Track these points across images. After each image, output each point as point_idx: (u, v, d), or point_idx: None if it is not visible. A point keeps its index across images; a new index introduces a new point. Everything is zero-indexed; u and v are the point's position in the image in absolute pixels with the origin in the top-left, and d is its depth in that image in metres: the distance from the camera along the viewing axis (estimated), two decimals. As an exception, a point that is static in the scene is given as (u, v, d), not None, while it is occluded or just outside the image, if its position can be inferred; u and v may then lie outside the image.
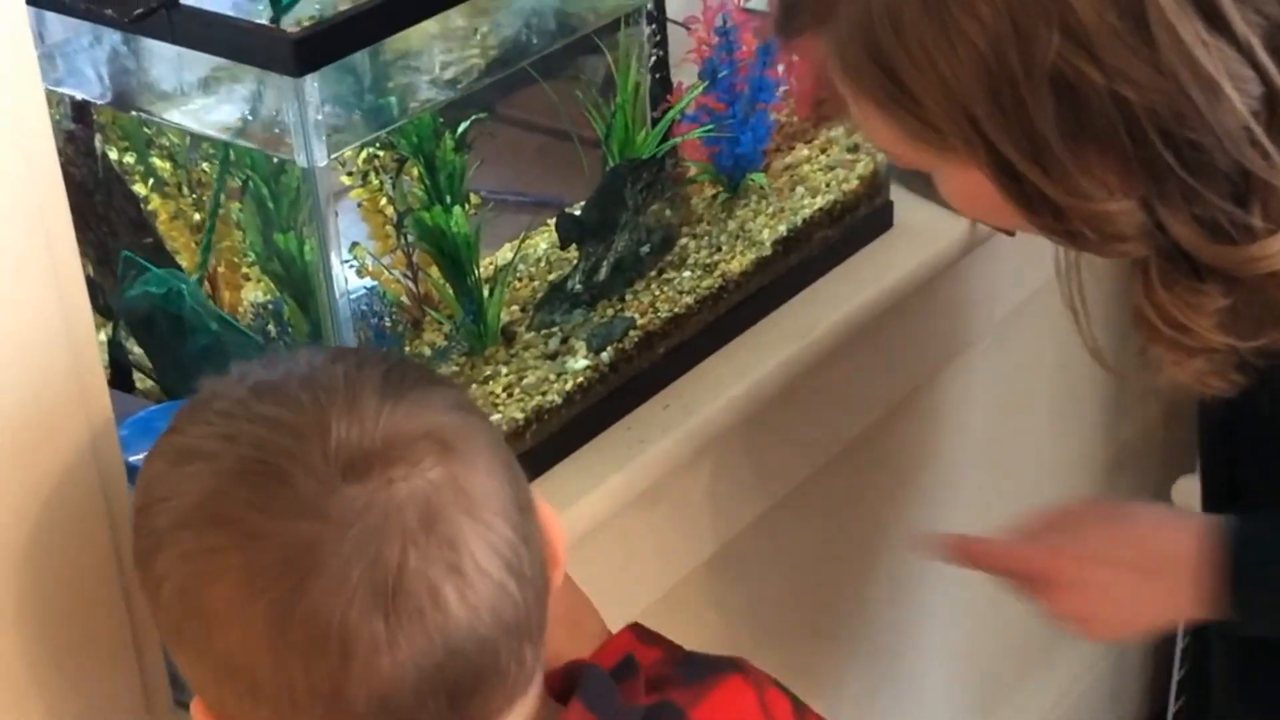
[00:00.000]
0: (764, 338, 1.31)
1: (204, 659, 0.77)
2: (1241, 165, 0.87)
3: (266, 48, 0.98)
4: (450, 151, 1.17)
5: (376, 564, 0.74)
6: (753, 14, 1.35)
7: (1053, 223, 0.90)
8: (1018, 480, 1.75)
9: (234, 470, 0.76)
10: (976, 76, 0.86)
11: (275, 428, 0.77)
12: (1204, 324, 0.92)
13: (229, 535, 0.75)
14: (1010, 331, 1.62)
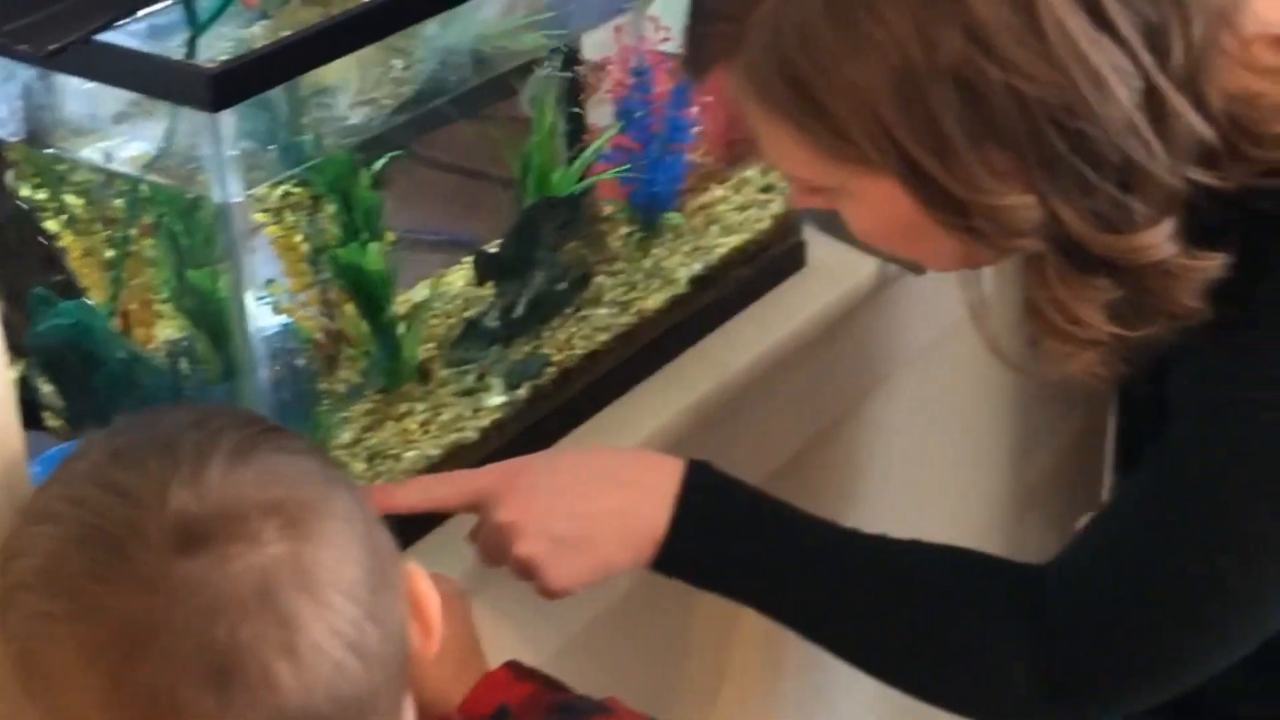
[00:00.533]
0: (680, 375, 1.32)
1: (50, 713, 0.78)
2: (1127, 155, 0.91)
3: (183, 83, 0.97)
4: (366, 188, 1.17)
5: (208, 641, 0.74)
6: (667, 55, 1.37)
7: (956, 220, 0.94)
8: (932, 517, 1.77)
9: (75, 536, 0.77)
10: (885, 81, 0.90)
11: (119, 495, 0.77)
12: (1096, 316, 0.95)
13: (64, 604, 0.76)
14: (921, 369, 1.64)
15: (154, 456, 0.77)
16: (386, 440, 1.18)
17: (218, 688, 0.74)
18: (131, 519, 0.75)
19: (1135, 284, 0.95)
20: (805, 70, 0.93)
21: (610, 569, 1.11)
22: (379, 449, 1.17)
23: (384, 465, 1.16)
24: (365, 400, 1.20)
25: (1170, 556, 1.04)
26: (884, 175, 0.94)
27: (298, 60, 1.02)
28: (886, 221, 0.99)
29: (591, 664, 1.32)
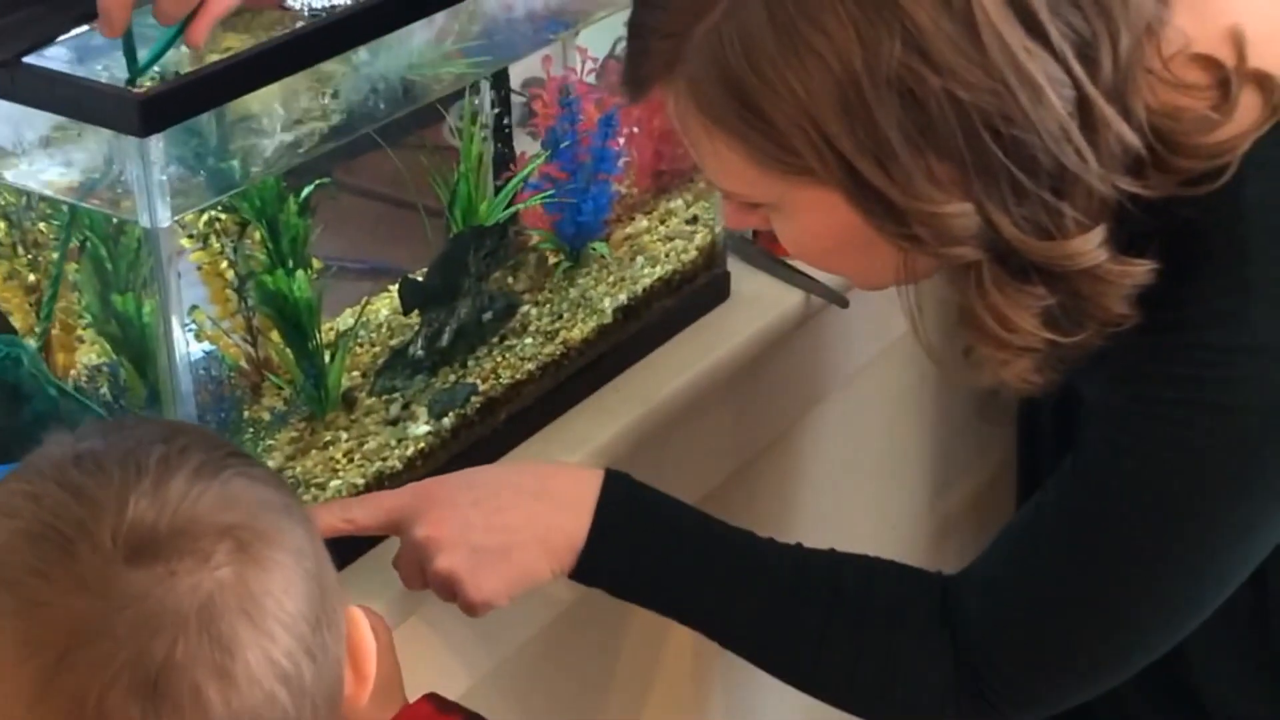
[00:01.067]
0: (605, 404, 1.32)
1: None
2: (1060, 163, 0.94)
3: (112, 107, 0.97)
4: (294, 215, 1.16)
5: (143, 653, 0.74)
6: (595, 86, 1.37)
7: (896, 229, 0.96)
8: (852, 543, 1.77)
9: (27, 532, 0.76)
10: (826, 90, 0.92)
11: (77, 497, 0.76)
12: (1031, 322, 0.97)
13: (9, 597, 0.75)
14: (845, 400, 1.66)
15: (118, 464, 0.77)
16: (311, 469, 1.17)
17: (145, 701, 0.73)
18: (85, 521, 0.75)
19: (1068, 290, 0.97)
20: (748, 80, 0.94)
21: (531, 579, 1.11)
22: (304, 477, 1.16)
23: (309, 494, 1.16)
24: (290, 428, 1.19)
25: (1082, 564, 1.06)
26: (825, 186, 0.96)
27: (227, 86, 1.01)
28: (825, 234, 1.01)
29: (521, 686, 1.32)
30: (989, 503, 1.95)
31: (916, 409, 1.84)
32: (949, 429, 1.89)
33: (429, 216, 1.31)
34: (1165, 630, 1.07)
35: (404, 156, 1.29)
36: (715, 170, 1.01)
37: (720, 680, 1.64)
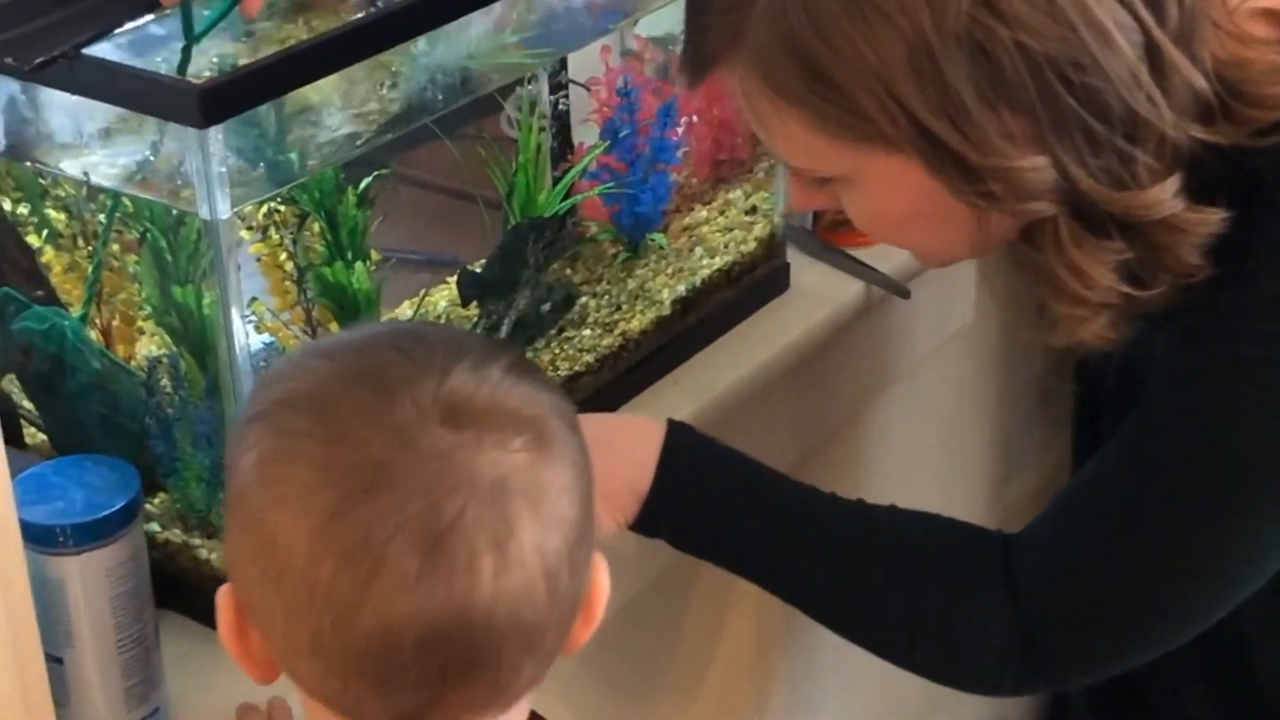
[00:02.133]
0: (663, 396, 1.32)
1: (252, 532, 0.79)
2: (1132, 109, 0.94)
3: (171, 99, 0.97)
4: (352, 207, 1.16)
5: (435, 508, 0.76)
6: (653, 77, 1.36)
7: (971, 187, 0.95)
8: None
9: (351, 375, 0.81)
10: (895, 51, 0.92)
11: (404, 356, 0.81)
12: (1109, 277, 0.97)
13: (322, 427, 0.79)
14: (905, 392, 1.64)
15: (443, 342, 0.82)
16: (370, 460, 1.17)
17: (425, 554, 0.76)
18: (410, 378, 0.79)
19: (1144, 242, 0.97)
20: (815, 49, 0.94)
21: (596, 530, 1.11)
22: (362, 469, 1.16)
23: (367, 485, 1.15)
24: (348, 420, 1.19)
25: (1141, 523, 1.05)
26: (898, 151, 0.95)
27: (286, 77, 1.01)
28: (898, 205, 1.00)
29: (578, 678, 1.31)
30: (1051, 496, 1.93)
31: (978, 401, 1.82)
32: (1011, 421, 1.88)
33: (487, 208, 1.30)
34: (1223, 594, 1.06)
35: (462, 147, 1.29)
36: (784, 147, 1.01)
37: (783, 675, 1.64)
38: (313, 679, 0.81)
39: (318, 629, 0.78)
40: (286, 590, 0.78)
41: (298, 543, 0.77)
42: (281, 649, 0.81)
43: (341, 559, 0.76)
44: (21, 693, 0.88)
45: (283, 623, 0.79)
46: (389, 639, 0.77)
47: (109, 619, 0.98)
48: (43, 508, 0.96)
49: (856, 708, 1.79)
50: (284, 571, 0.78)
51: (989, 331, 1.75)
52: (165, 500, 1.12)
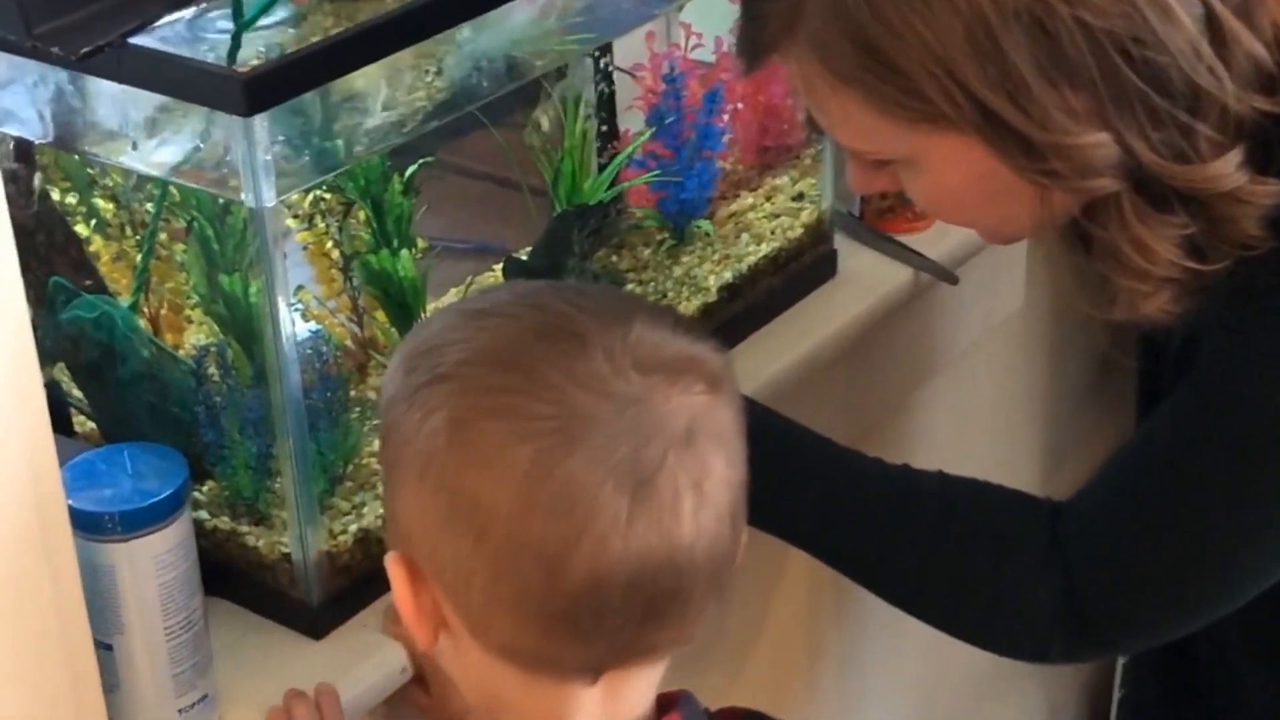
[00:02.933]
0: (710, 384, 1.31)
1: (446, 493, 0.80)
2: (1194, 82, 0.93)
3: (216, 87, 0.97)
4: (398, 195, 1.16)
5: (639, 453, 0.79)
6: (699, 63, 1.36)
7: (1033, 165, 0.95)
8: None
9: (535, 329, 0.82)
10: (954, 30, 0.92)
11: (583, 308, 0.83)
12: (1173, 252, 0.97)
13: (518, 379, 0.80)
14: (953, 379, 1.63)
15: (614, 297, 0.86)
16: (416, 448, 1.17)
17: (634, 498, 0.79)
18: (596, 329, 0.82)
19: (1207, 215, 0.96)
20: (872, 30, 0.93)
21: None
22: (409, 457, 1.16)
23: (414, 473, 1.16)
24: (395, 407, 1.19)
25: (1189, 489, 1.04)
26: (958, 131, 0.95)
27: (331, 65, 1.01)
28: (960, 184, 1.00)
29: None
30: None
31: (1027, 388, 1.81)
32: (1061, 408, 1.86)
33: (533, 195, 1.30)
34: (1273, 564, 1.05)
35: (509, 135, 1.29)
36: (844, 131, 1.01)
37: (834, 647, 1.63)
38: (508, 634, 0.82)
39: (525, 583, 0.79)
40: (490, 548, 0.79)
41: (502, 499, 0.79)
42: (475, 607, 0.82)
43: (550, 511, 0.78)
44: (71, 679, 0.89)
45: (483, 580, 0.80)
46: (600, 584, 0.79)
47: (157, 606, 0.98)
48: (92, 495, 0.96)
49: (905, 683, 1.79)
50: (487, 529, 0.79)
51: (1038, 317, 1.74)
52: (214, 488, 1.12)
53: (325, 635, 1.09)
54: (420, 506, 0.82)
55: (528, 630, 0.81)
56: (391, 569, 0.84)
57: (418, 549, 0.83)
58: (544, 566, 0.79)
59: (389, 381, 0.87)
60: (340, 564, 1.10)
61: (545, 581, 0.79)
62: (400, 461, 0.84)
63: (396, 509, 0.85)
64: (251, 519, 1.11)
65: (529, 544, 0.79)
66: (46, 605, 0.86)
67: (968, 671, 1.87)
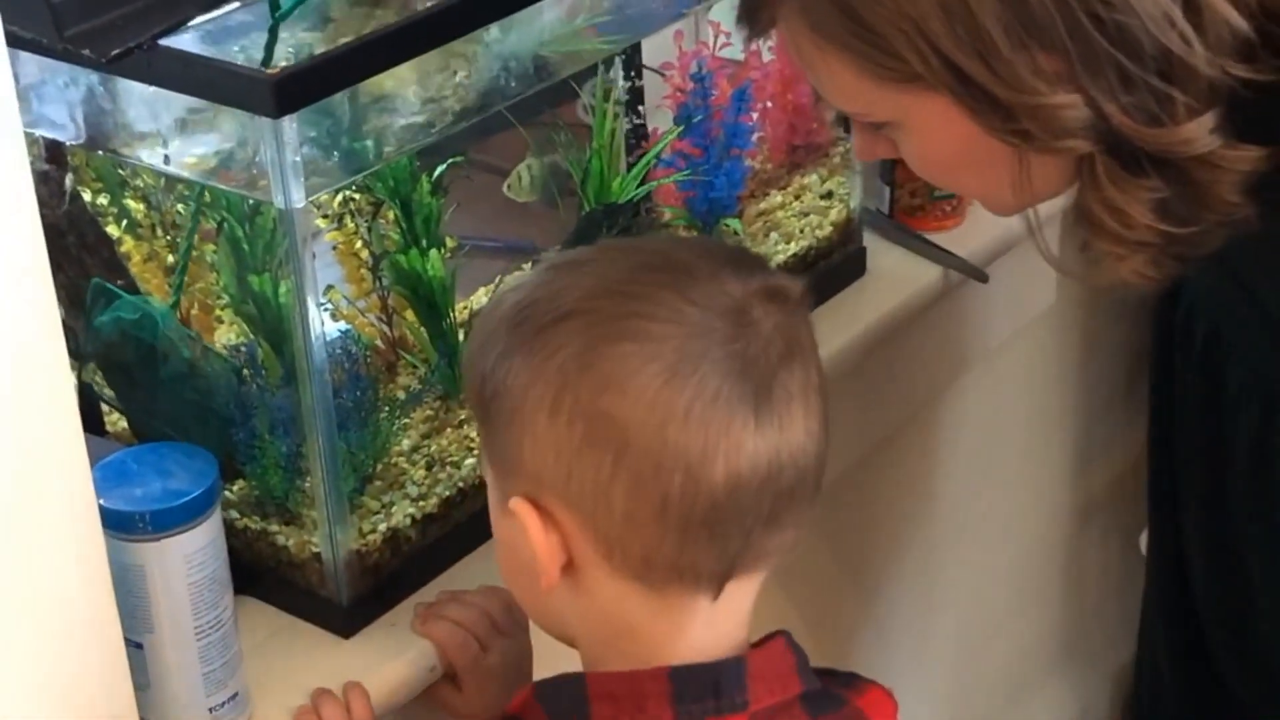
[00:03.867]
0: (739, 383, 1.31)
1: (581, 420, 0.86)
2: (1164, 46, 0.93)
3: (245, 88, 0.97)
4: (427, 195, 1.16)
5: (755, 364, 0.86)
6: (727, 61, 1.36)
7: (1004, 125, 0.96)
8: (992, 524, 1.75)
9: (641, 264, 0.90)
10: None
11: (675, 245, 0.94)
12: (1146, 216, 0.97)
13: (638, 304, 0.87)
14: (982, 378, 1.63)
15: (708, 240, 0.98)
16: (446, 447, 1.18)
17: (758, 404, 0.86)
18: (693, 262, 0.90)
19: (1182, 180, 0.96)
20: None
21: None
22: (438, 455, 1.17)
23: (443, 472, 1.16)
24: (425, 407, 1.20)
25: None
26: (932, 93, 0.96)
27: (360, 66, 1.01)
28: (944, 148, 1.01)
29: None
30: (1134, 483, 1.90)
31: (1058, 386, 1.80)
32: (1092, 407, 1.85)
33: (561, 194, 1.30)
34: None
35: (536, 134, 1.29)
36: (832, 91, 1.02)
37: (861, 653, 1.63)
38: (648, 547, 0.87)
39: (667, 491, 0.86)
40: (631, 462, 0.86)
41: (639, 415, 0.85)
42: (614, 526, 0.87)
43: (686, 420, 0.85)
44: (102, 677, 0.89)
45: (624, 496, 0.86)
46: (737, 485, 0.86)
47: (188, 605, 0.98)
48: (122, 494, 0.97)
49: (935, 684, 1.78)
50: (626, 445, 0.86)
51: (1069, 315, 1.73)
52: (243, 487, 1.13)
53: (354, 634, 1.09)
54: (554, 440, 0.87)
55: (666, 540, 0.87)
56: (520, 512, 0.89)
57: (549, 484, 0.88)
58: (685, 472, 0.85)
59: (486, 348, 0.91)
60: (369, 563, 1.10)
61: (685, 488, 0.86)
62: (522, 408, 0.89)
63: (521, 454, 0.89)
64: (281, 518, 1.12)
65: (669, 453, 0.85)
66: (78, 604, 0.86)
67: (998, 672, 1.86)
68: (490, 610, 1.09)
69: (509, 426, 0.90)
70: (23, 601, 0.83)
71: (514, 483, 0.90)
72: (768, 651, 0.94)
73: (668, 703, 0.89)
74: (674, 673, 0.90)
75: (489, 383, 0.91)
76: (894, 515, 1.60)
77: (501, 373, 0.90)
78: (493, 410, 0.91)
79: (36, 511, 0.83)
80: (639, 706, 0.90)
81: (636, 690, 0.90)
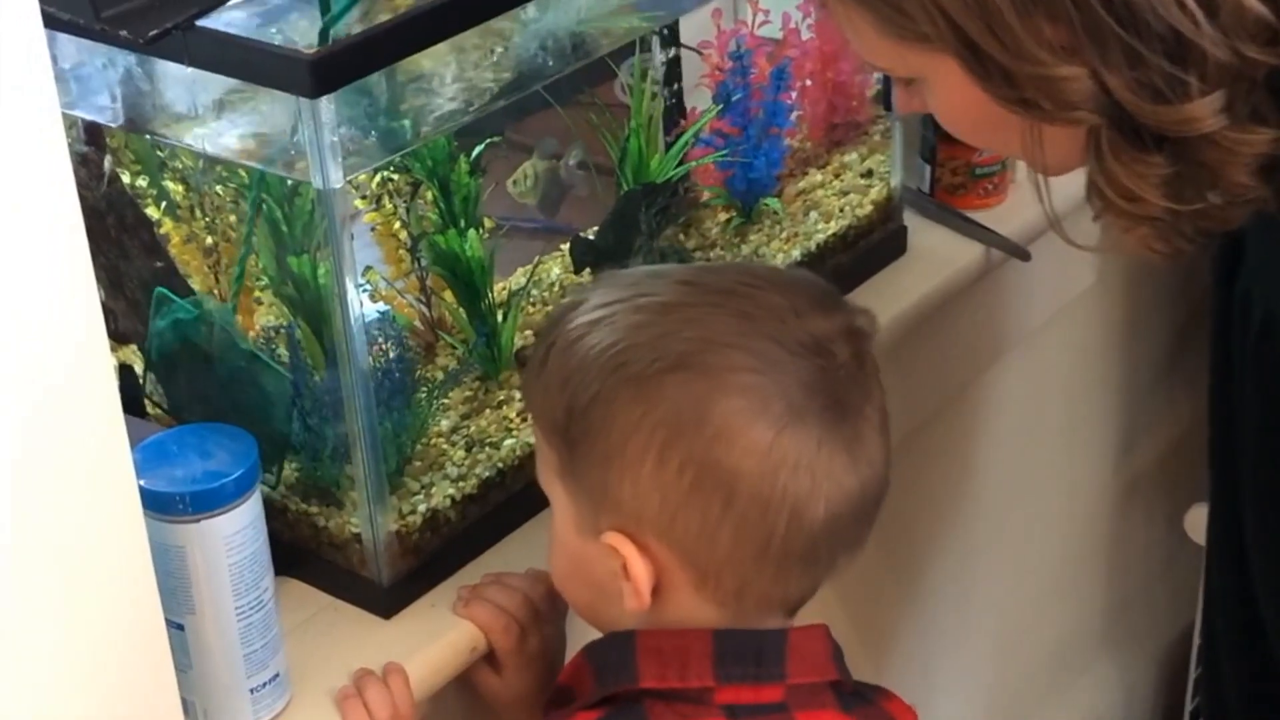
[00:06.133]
0: (779, 363, 1.30)
1: (691, 468, 0.91)
2: (1172, 26, 0.92)
3: (282, 69, 0.97)
4: (465, 175, 1.16)
5: (849, 405, 0.94)
6: (766, 39, 1.35)
7: (1009, 93, 0.96)
8: (1036, 505, 1.74)
9: (739, 312, 0.94)
10: None
11: (760, 285, 0.96)
12: (1151, 192, 0.97)
13: (743, 358, 0.92)
14: (1024, 358, 1.62)
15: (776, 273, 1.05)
16: (485, 428, 1.17)
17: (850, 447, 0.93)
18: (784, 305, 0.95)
19: (1188, 158, 0.95)
20: None
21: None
22: (478, 436, 1.17)
23: (482, 453, 1.16)
24: (464, 388, 1.20)
25: None
26: (942, 53, 0.96)
27: (397, 45, 1.01)
28: (961, 107, 1.01)
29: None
30: (1178, 463, 1.89)
31: (1101, 365, 1.79)
32: (1136, 386, 1.84)
33: (599, 174, 1.30)
34: None
35: (574, 114, 1.29)
36: (860, 45, 1.03)
37: (902, 635, 1.62)
38: (744, 580, 0.94)
39: (771, 531, 0.92)
40: (740, 506, 0.91)
41: (749, 466, 0.91)
42: (715, 561, 0.93)
43: (793, 468, 0.91)
44: (143, 659, 0.90)
45: (730, 537, 0.92)
46: (835, 519, 0.93)
47: (228, 586, 0.99)
48: (163, 475, 0.97)
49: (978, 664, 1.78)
50: (735, 492, 0.91)
51: (1112, 295, 1.72)
52: (284, 468, 1.13)
53: (395, 615, 1.09)
54: (660, 485, 0.92)
55: (764, 573, 0.94)
56: (619, 545, 0.94)
57: (651, 523, 0.93)
58: (791, 513, 0.92)
59: (574, 384, 0.95)
60: (409, 544, 1.10)
61: (790, 528, 0.92)
62: (623, 453, 0.93)
63: (620, 494, 0.94)
64: (321, 499, 1.12)
65: (777, 498, 0.91)
66: (118, 586, 0.87)
67: (1042, 655, 1.85)
68: (533, 596, 1.09)
69: (605, 467, 0.94)
70: (63, 583, 0.84)
71: (607, 517, 0.95)
72: (808, 633, 0.98)
73: (710, 663, 0.94)
74: (717, 635, 0.94)
75: (578, 420, 0.94)
76: (935, 497, 1.59)
77: (598, 416, 0.93)
78: (581, 447, 0.94)
79: (76, 493, 0.83)
80: (684, 663, 0.94)
81: (682, 648, 0.94)
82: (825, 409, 0.93)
